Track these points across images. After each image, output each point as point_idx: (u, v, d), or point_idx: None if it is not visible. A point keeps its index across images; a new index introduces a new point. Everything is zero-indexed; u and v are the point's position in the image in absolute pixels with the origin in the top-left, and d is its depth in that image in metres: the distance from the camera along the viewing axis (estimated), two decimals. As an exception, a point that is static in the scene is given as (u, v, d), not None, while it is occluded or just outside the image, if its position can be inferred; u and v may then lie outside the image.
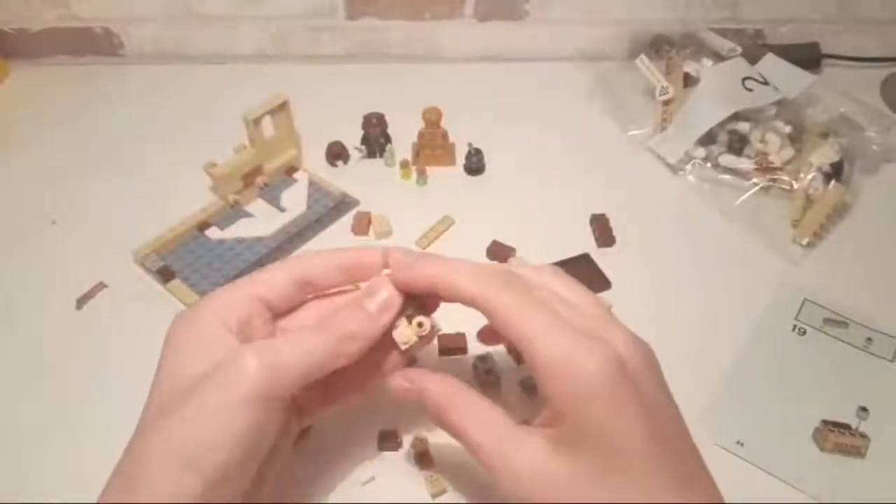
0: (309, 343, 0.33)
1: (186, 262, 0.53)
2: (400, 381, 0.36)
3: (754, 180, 0.59)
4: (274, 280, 0.36)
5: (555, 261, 0.53)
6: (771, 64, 0.65)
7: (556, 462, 0.31)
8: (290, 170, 0.60)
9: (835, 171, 0.57)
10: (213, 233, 0.55)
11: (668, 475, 0.30)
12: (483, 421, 0.34)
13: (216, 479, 0.30)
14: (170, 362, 0.33)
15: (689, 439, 0.32)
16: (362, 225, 0.56)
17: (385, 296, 0.35)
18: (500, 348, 0.45)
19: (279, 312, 0.36)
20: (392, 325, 0.36)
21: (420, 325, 0.36)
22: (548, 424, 0.32)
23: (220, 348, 0.32)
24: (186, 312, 0.35)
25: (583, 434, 0.30)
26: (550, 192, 0.60)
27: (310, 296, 0.38)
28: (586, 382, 0.30)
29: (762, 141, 0.60)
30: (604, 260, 0.53)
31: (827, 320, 0.49)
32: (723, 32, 0.68)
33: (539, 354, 0.31)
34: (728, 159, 0.60)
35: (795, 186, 0.57)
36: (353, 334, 0.34)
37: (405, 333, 0.36)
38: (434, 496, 0.40)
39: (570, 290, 0.35)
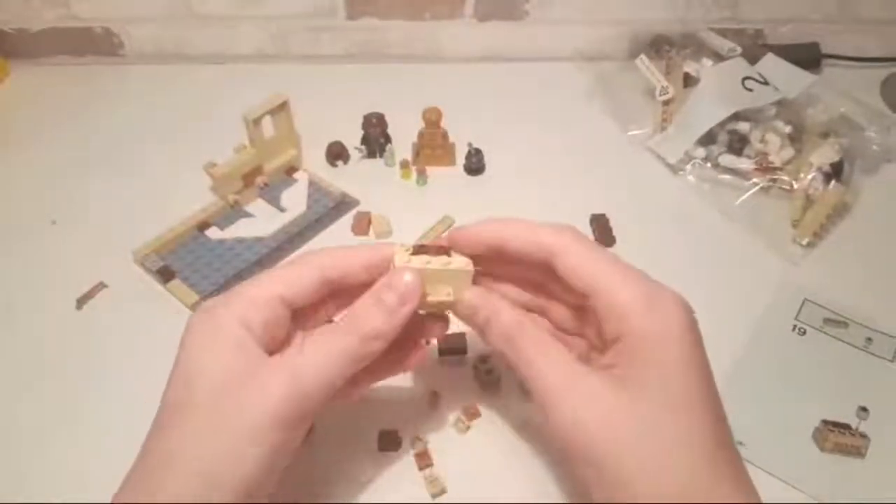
0: (331, 352, 0.32)
1: (186, 262, 0.53)
2: (473, 297, 0.36)
3: (754, 180, 0.59)
4: (297, 279, 0.35)
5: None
6: (771, 64, 0.65)
7: (620, 402, 0.30)
8: (290, 170, 0.60)
9: (835, 171, 0.57)
10: (213, 233, 0.55)
11: (714, 429, 0.31)
12: (552, 354, 0.33)
13: (238, 491, 0.30)
14: (186, 361, 0.32)
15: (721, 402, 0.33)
16: (362, 225, 0.56)
17: (406, 283, 0.34)
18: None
19: (298, 309, 0.36)
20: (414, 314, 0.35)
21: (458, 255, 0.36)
22: (612, 365, 0.32)
23: (239, 353, 0.32)
24: (206, 309, 0.34)
25: (651, 375, 0.31)
26: (550, 192, 0.60)
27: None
28: (668, 322, 0.31)
29: (762, 141, 0.60)
30: (604, 260, 0.53)
31: (827, 320, 0.49)
32: (723, 32, 0.68)
33: (619, 294, 0.32)
34: (728, 159, 0.60)
35: (795, 186, 0.57)
36: (375, 332, 0.33)
37: (462, 259, 0.36)
38: (434, 496, 0.40)
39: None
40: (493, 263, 0.37)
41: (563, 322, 0.38)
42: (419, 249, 0.36)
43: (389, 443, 0.42)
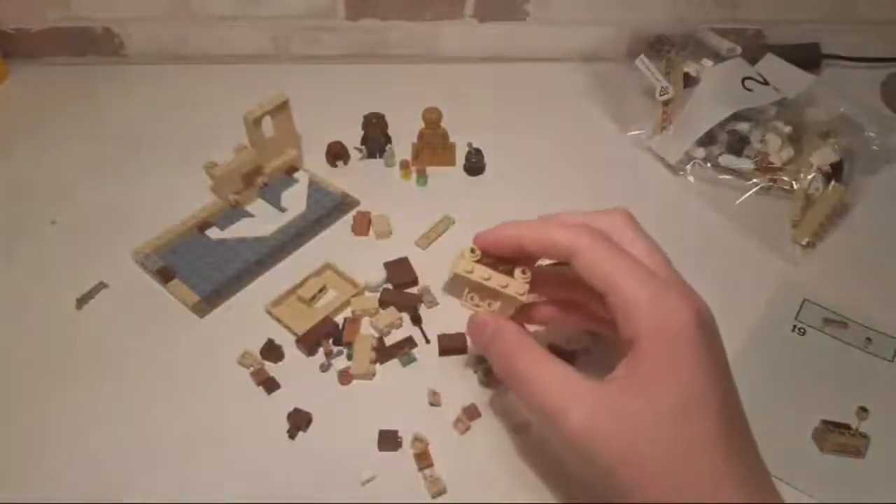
0: None
1: (186, 262, 0.53)
2: (482, 316, 0.39)
3: (754, 180, 0.59)
4: None
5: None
6: (771, 64, 0.65)
7: (628, 407, 0.31)
8: (291, 170, 0.60)
9: (835, 172, 0.57)
10: (214, 233, 0.55)
11: (724, 427, 0.31)
12: (552, 369, 0.34)
13: None
14: None
15: (740, 403, 0.33)
16: (362, 225, 0.56)
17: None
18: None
19: None
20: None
21: (524, 271, 0.38)
22: (624, 375, 0.32)
23: None
24: None
25: (660, 376, 0.31)
26: (550, 192, 0.60)
27: None
28: (674, 322, 0.31)
29: (762, 141, 0.60)
30: (604, 260, 0.53)
31: (827, 320, 0.49)
32: (723, 32, 0.68)
33: (628, 293, 0.32)
34: (728, 159, 0.60)
35: (795, 187, 0.57)
36: None
37: (520, 285, 0.38)
38: (434, 496, 0.40)
39: (644, 241, 0.36)
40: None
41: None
42: (486, 259, 0.38)
43: (389, 443, 0.42)
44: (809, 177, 0.56)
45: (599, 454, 0.31)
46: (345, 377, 0.46)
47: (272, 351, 0.47)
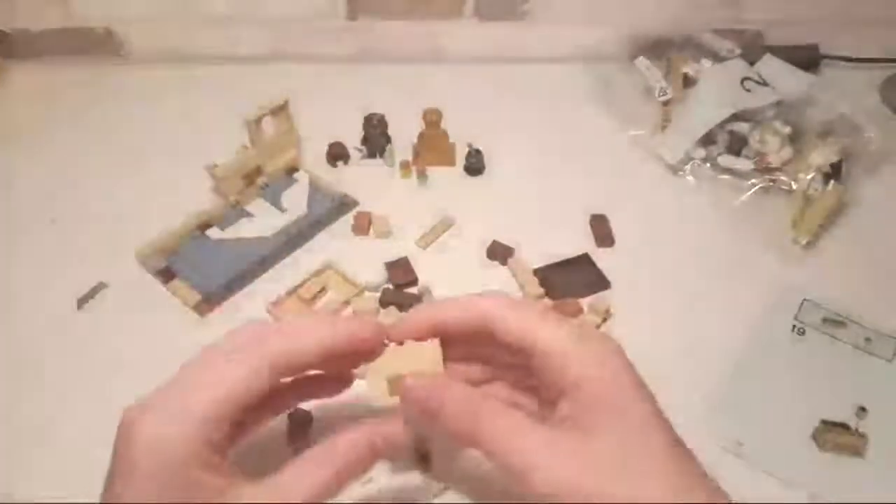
0: (314, 485, 0.33)
1: (187, 262, 0.53)
2: (417, 390, 0.34)
3: (753, 181, 0.59)
4: (245, 380, 0.32)
5: (555, 261, 0.53)
6: (770, 65, 0.65)
7: (589, 449, 0.30)
8: (291, 170, 0.60)
9: (834, 172, 0.57)
10: (214, 233, 0.55)
11: (676, 451, 0.31)
12: (515, 422, 0.33)
13: None
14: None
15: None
16: (363, 225, 0.56)
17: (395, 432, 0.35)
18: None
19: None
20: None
21: (430, 342, 0.35)
22: (567, 416, 0.32)
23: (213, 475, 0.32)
24: (157, 440, 0.33)
25: (608, 415, 0.31)
26: (550, 192, 0.60)
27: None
28: (606, 363, 0.32)
29: (761, 141, 0.60)
30: (603, 260, 0.54)
31: (826, 320, 0.50)
32: (722, 33, 0.68)
33: (555, 343, 0.32)
34: (727, 160, 0.60)
35: (794, 187, 0.57)
36: (355, 470, 0.34)
37: (429, 351, 0.35)
38: (434, 496, 0.40)
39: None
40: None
41: (514, 385, 0.37)
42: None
43: (390, 442, 0.42)
44: (809, 177, 0.57)
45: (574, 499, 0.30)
46: (345, 377, 0.46)
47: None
